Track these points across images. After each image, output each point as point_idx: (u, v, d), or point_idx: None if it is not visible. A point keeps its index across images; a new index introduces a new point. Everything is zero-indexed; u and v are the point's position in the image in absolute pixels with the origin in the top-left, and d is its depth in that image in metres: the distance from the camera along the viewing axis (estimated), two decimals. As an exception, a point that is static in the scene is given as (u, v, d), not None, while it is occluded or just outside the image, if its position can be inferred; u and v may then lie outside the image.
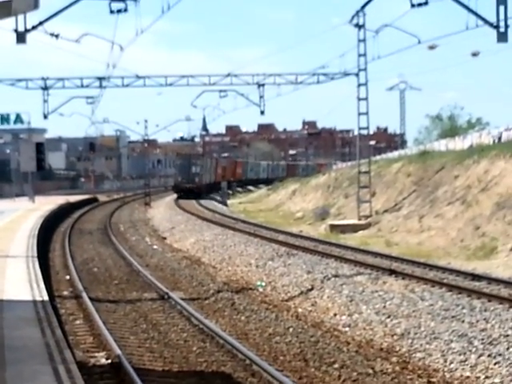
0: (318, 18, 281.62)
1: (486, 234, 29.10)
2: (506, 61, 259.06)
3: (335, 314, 18.37)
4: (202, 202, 64.49)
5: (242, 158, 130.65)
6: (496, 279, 20.87)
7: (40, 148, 54.10)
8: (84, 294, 20.30)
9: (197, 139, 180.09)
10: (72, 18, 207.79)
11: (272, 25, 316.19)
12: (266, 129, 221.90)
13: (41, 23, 25.02)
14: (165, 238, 38.51)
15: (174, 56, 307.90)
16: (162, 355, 14.57)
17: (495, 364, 13.48)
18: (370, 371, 13.63)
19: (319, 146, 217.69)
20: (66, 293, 21.63)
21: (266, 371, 13.03)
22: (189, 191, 69.70)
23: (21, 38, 24.29)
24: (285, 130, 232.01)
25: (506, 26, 27.22)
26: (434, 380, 13.29)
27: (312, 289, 21.15)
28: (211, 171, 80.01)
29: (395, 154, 69.67)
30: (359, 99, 40.92)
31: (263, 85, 43.89)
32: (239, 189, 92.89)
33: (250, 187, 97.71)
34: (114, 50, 32.81)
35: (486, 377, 13.16)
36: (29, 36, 24.39)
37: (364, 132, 43.27)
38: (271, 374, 12.84)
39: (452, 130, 68.02)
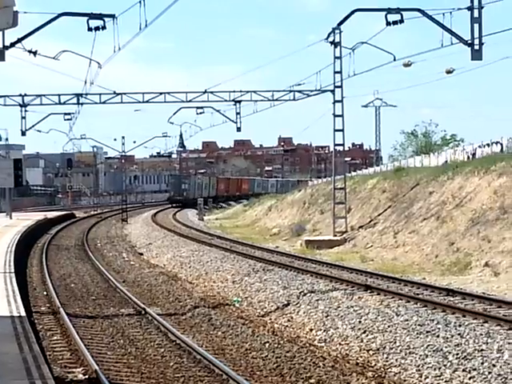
0: (296, 36, 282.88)
1: (461, 249, 29.33)
2: (480, 78, 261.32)
3: (311, 330, 18.50)
4: (179, 218, 65.53)
5: (218, 175, 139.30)
6: (470, 294, 21.10)
7: (18, 164, 53.85)
8: (61, 310, 20.31)
9: (174, 155, 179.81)
10: (50, 35, 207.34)
11: (249, 42, 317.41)
12: (242, 145, 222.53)
13: (19, 40, 24.90)
14: (142, 254, 38.54)
15: (152, 73, 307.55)
16: (139, 370, 14.63)
17: (470, 379, 13.63)
18: (346, 386, 13.78)
19: (295, 163, 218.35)
20: (43, 308, 21.64)
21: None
22: (179, 202, 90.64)
23: (-1, 55, 24.15)
24: (261, 146, 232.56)
25: (481, 44, 27.42)
26: (408, 394, 13.46)
27: (288, 304, 21.28)
28: (209, 187, 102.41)
29: (370, 170, 69.95)
30: (335, 116, 41.04)
31: (240, 101, 44.04)
32: (214, 204, 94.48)
33: (223, 204, 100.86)
34: (91, 66, 32.99)
35: (460, 391, 13.33)
36: (7, 53, 24.29)
37: (340, 148, 43.55)
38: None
39: (427, 147, 68.41)
